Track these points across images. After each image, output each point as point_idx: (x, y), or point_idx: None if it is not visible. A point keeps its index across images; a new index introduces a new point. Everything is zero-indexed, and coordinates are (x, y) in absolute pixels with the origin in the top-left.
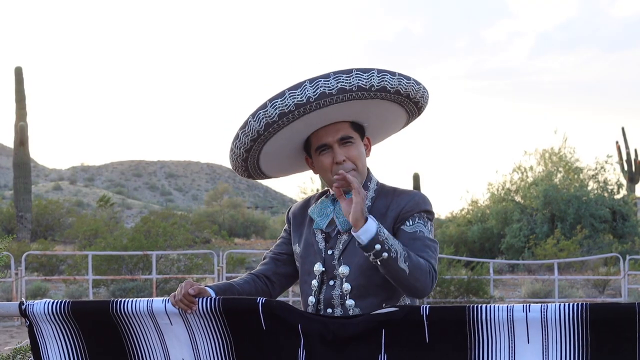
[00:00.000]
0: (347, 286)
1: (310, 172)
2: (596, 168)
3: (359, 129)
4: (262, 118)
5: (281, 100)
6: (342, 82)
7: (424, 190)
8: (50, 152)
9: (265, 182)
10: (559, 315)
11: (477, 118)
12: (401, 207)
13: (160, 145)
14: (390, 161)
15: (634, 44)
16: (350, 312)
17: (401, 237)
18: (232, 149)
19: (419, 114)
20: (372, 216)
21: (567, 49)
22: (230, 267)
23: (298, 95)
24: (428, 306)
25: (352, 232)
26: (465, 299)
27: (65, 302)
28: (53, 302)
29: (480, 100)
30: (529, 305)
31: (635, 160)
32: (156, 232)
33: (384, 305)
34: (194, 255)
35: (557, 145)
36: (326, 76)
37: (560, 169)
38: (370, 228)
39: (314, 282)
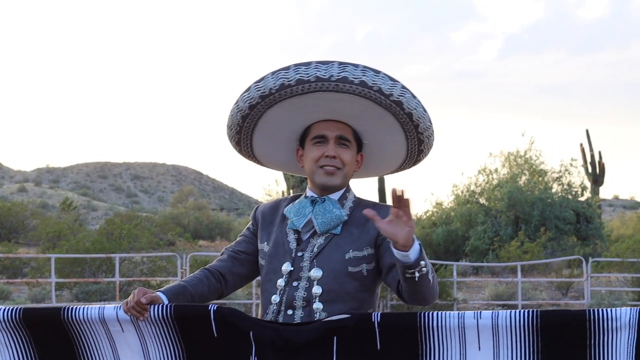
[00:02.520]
0: (317, 289)
1: (276, 174)
2: (560, 170)
3: (358, 141)
4: (281, 78)
5: (305, 68)
6: (368, 76)
7: (389, 192)
8: (16, 154)
9: (231, 184)
10: (510, 322)
11: (443, 120)
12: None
13: (125, 146)
14: None
15: (600, 47)
16: (317, 315)
17: (389, 250)
18: (237, 101)
19: (417, 160)
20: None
21: (534, 51)
22: (194, 269)
23: (323, 70)
24: (379, 313)
25: (398, 251)
26: None
27: (15, 309)
28: (3, 310)
29: (448, 102)
30: (480, 312)
31: (600, 162)
32: (119, 235)
33: None
34: (158, 257)
35: (523, 147)
36: (356, 65)
37: (525, 171)
38: (416, 248)
39: (280, 281)
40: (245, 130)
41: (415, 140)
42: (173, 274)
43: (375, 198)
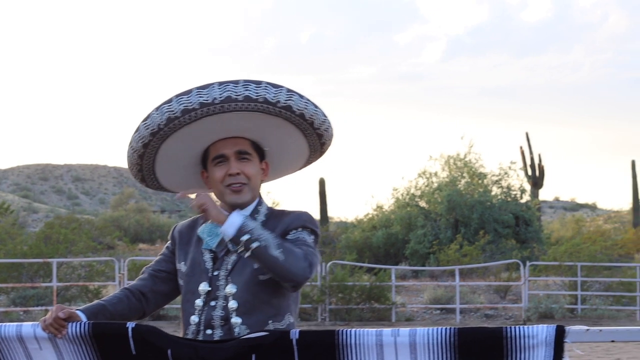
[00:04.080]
0: (233, 304)
1: None
2: (500, 173)
3: (259, 150)
4: (165, 112)
5: (187, 97)
6: (250, 90)
7: (329, 195)
8: None
9: None
10: (428, 339)
11: (385, 123)
12: (287, 223)
13: (67, 148)
14: None
15: (543, 50)
16: (237, 330)
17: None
18: (130, 142)
19: (322, 152)
20: (236, 212)
21: (477, 53)
22: (132, 273)
23: (205, 94)
24: (298, 330)
25: (221, 231)
26: (367, 305)
27: None
28: None
29: (390, 104)
30: (398, 330)
31: (539, 165)
32: (57, 239)
33: (270, 322)
34: (96, 262)
35: (463, 150)
36: (236, 82)
37: (465, 174)
38: (234, 220)
39: (198, 302)
40: (146, 167)
41: (314, 136)
42: (111, 279)
43: (316, 200)
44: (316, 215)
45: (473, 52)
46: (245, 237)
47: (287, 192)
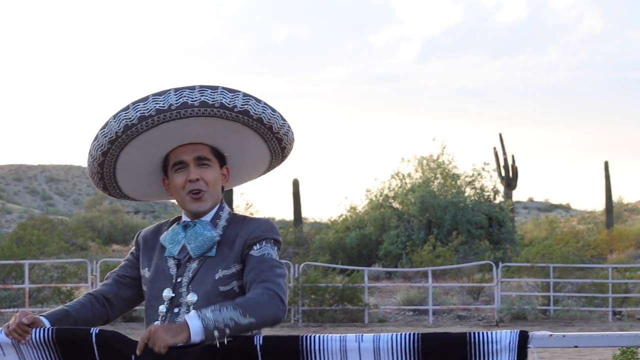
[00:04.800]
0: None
1: None
2: (473, 175)
3: (220, 156)
4: (123, 119)
5: (144, 104)
6: (207, 96)
7: (304, 195)
8: None
9: None
10: (392, 345)
11: (360, 123)
12: (249, 233)
13: (41, 149)
14: None
15: (518, 50)
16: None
17: (250, 261)
18: (89, 151)
19: (283, 158)
20: (190, 315)
21: (453, 54)
22: (104, 275)
23: (161, 101)
24: (262, 336)
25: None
26: (340, 306)
27: None
28: None
29: (365, 105)
30: (362, 336)
31: (513, 166)
32: (29, 240)
33: None
34: (68, 263)
35: (436, 152)
36: (192, 88)
37: (438, 175)
38: (195, 327)
39: (162, 308)
40: (107, 176)
41: (273, 140)
42: (84, 280)
43: (290, 201)
44: (290, 216)
45: (448, 52)
46: (216, 334)
47: (261, 193)
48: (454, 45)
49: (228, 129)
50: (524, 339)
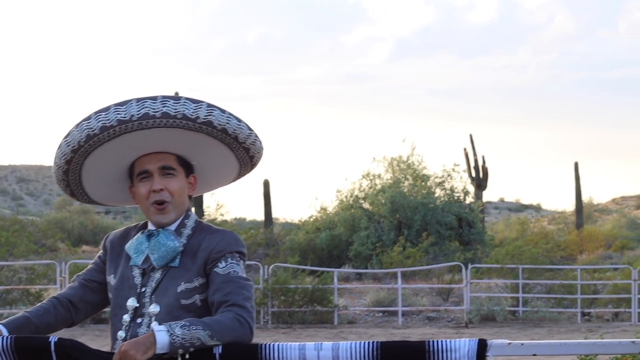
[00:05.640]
0: (156, 325)
1: None
2: (443, 175)
3: (186, 165)
4: (85, 129)
5: (105, 114)
6: (169, 107)
7: (274, 196)
8: None
9: None
10: (351, 353)
11: (332, 123)
12: (212, 246)
13: (11, 149)
14: None
15: (489, 51)
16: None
17: (215, 279)
18: (54, 159)
19: (252, 166)
20: (159, 327)
21: (424, 54)
22: (74, 276)
23: (122, 111)
24: (222, 346)
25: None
26: (309, 308)
27: None
28: None
29: (337, 105)
30: (321, 344)
31: (483, 166)
32: None
33: None
34: (37, 265)
35: (406, 153)
36: (154, 98)
37: (408, 176)
38: (161, 341)
39: (126, 317)
40: (73, 182)
41: (240, 150)
42: (53, 282)
43: (260, 202)
44: (261, 216)
45: (420, 53)
46: (180, 352)
47: (232, 193)
48: (425, 45)
49: (193, 139)
50: (482, 347)
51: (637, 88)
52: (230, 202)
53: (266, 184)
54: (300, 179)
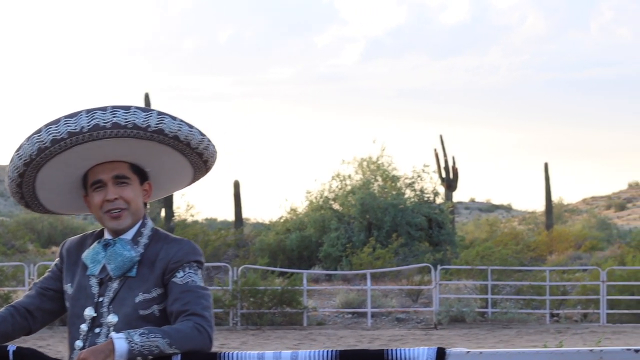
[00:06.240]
0: (115, 333)
1: None
2: (413, 176)
3: (140, 172)
4: (36, 142)
5: (55, 127)
6: (119, 117)
7: (245, 197)
8: None
9: None
10: None
11: (303, 124)
12: (170, 256)
13: None
14: None
15: (460, 51)
16: None
17: (173, 289)
18: (7, 172)
19: (206, 170)
20: (118, 335)
21: (396, 55)
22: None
23: (72, 123)
24: (180, 355)
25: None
26: (279, 309)
27: None
28: None
29: (309, 105)
30: (280, 353)
31: (453, 167)
32: None
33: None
34: (5, 266)
35: (375, 153)
36: (104, 109)
37: (378, 177)
38: (120, 349)
39: (83, 327)
40: (27, 194)
41: (194, 155)
42: (21, 284)
43: (230, 202)
44: (232, 217)
45: (392, 53)
46: (138, 359)
47: (202, 194)
48: (397, 46)
49: (145, 147)
50: (441, 355)
51: (607, 88)
52: (201, 202)
53: (236, 185)
54: (272, 179)
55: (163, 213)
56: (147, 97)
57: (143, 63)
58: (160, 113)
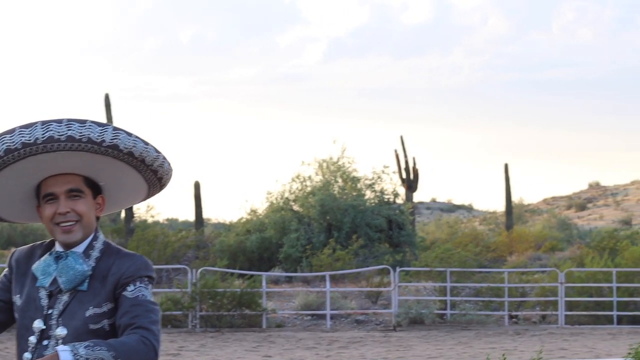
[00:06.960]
0: (60, 345)
1: None
2: (373, 177)
3: (93, 186)
4: None
5: (10, 137)
6: (74, 130)
7: (206, 197)
8: None
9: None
10: None
11: (264, 124)
12: (122, 271)
13: None
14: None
15: (422, 51)
16: None
17: (123, 302)
18: None
19: (161, 187)
20: (63, 347)
21: (358, 55)
22: None
23: (27, 134)
24: None
25: None
26: (238, 311)
27: None
28: None
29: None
30: None
31: (414, 168)
32: None
33: None
34: None
35: (336, 154)
36: (59, 121)
37: (338, 178)
38: None
39: (32, 339)
40: None
41: (148, 172)
42: None
43: (191, 204)
44: (191, 218)
45: (354, 53)
46: None
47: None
48: (359, 46)
49: (99, 162)
50: None
51: (568, 89)
52: (161, 203)
53: (197, 186)
54: (233, 179)
55: (123, 214)
56: (107, 97)
57: (103, 63)
58: (115, 129)
